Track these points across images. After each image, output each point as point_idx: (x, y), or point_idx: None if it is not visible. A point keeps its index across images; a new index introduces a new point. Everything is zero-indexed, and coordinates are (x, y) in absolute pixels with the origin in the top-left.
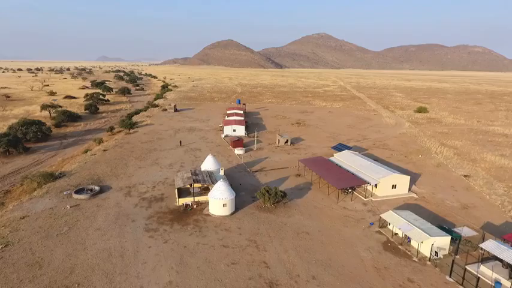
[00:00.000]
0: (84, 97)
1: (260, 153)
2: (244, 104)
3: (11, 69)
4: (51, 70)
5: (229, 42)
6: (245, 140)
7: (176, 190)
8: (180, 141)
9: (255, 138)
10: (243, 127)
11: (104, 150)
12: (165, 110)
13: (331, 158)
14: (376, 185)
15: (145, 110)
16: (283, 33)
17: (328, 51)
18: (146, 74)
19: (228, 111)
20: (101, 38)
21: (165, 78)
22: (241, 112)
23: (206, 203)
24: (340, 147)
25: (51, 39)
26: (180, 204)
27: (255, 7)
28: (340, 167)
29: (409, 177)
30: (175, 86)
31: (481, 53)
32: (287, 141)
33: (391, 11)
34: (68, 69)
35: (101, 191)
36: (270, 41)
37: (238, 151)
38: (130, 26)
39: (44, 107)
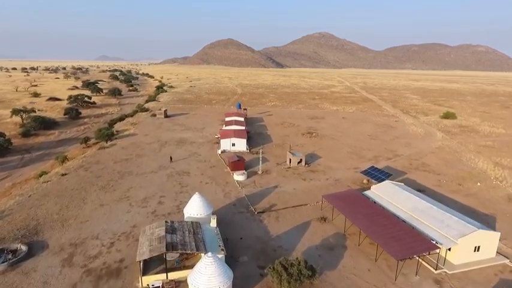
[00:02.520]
0: (67, 99)
1: (267, 179)
2: (245, 109)
3: (5, 68)
4: (46, 69)
5: (230, 41)
6: (247, 157)
7: (140, 263)
8: (171, 157)
9: (260, 156)
10: (245, 140)
11: (63, 175)
12: (154, 115)
13: (368, 193)
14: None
15: (131, 116)
16: (283, 32)
17: (330, 51)
18: (143, 73)
19: (227, 118)
20: (101, 38)
21: (162, 78)
22: (242, 119)
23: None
24: (373, 173)
25: (52, 38)
26: (145, 286)
27: (256, 6)
28: (384, 208)
29: (498, 234)
30: (171, 87)
31: (484, 53)
32: (300, 160)
33: (393, 9)
34: (64, 68)
35: (30, 253)
36: (270, 40)
37: (239, 176)
38: (130, 25)
39: (15, 111)
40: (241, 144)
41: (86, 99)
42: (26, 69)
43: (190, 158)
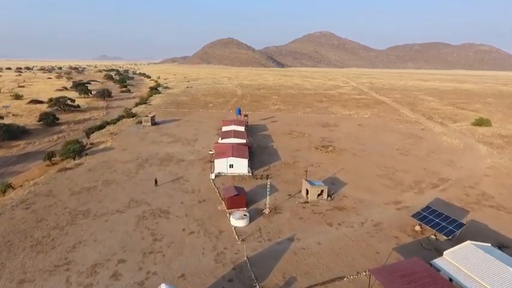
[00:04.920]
0: (47, 102)
1: (277, 224)
2: (246, 115)
3: (0, 68)
4: (42, 69)
5: (230, 40)
6: (249, 183)
7: None
8: (156, 180)
9: (268, 187)
10: (246, 160)
11: None
12: (140, 122)
13: (440, 264)
14: None
15: (114, 123)
16: (284, 31)
17: (331, 50)
18: (140, 73)
19: (224, 128)
20: (101, 38)
21: (158, 78)
22: (243, 129)
23: None
24: (431, 218)
25: (53, 39)
26: None
27: (256, 5)
28: None
29: None
30: (166, 88)
31: (487, 52)
32: (321, 192)
33: (394, 8)
34: (60, 68)
35: None
36: (271, 40)
37: (238, 221)
38: (131, 25)
39: None
40: (241, 166)
41: (68, 102)
42: (21, 68)
43: (175, 184)
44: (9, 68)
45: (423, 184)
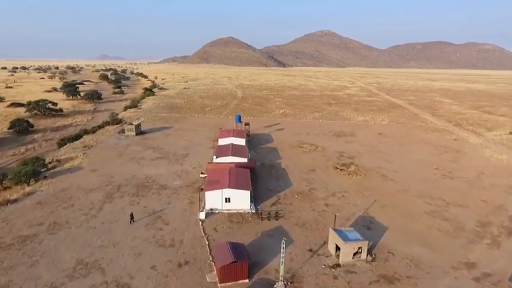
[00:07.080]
0: (26, 106)
1: None
2: (247, 124)
3: None
4: (38, 68)
5: (230, 39)
6: (253, 228)
7: None
8: (132, 215)
9: (283, 246)
10: (248, 192)
11: None
12: (123, 131)
13: None
14: None
15: (94, 132)
16: (285, 31)
17: (332, 49)
18: (137, 73)
19: (220, 141)
20: (102, 37)
21: (156, 78)
22: (243, 143)
23: None
24: None
25: (53, 39)
26: None
27: (257, 4)
28: None
29: None
30: (162, 89)
31: (491, 51)
32: (359, 250)
33: (396, 7)
34: (57, 67)
35: None
36: (272, 39)
37: None
38: (131, 24)
39: None
40: (242, 200)
41: (49, 105)
42: (17, 68)
43: (148, 230)
44: (4, 68)
45: (493, 228)
